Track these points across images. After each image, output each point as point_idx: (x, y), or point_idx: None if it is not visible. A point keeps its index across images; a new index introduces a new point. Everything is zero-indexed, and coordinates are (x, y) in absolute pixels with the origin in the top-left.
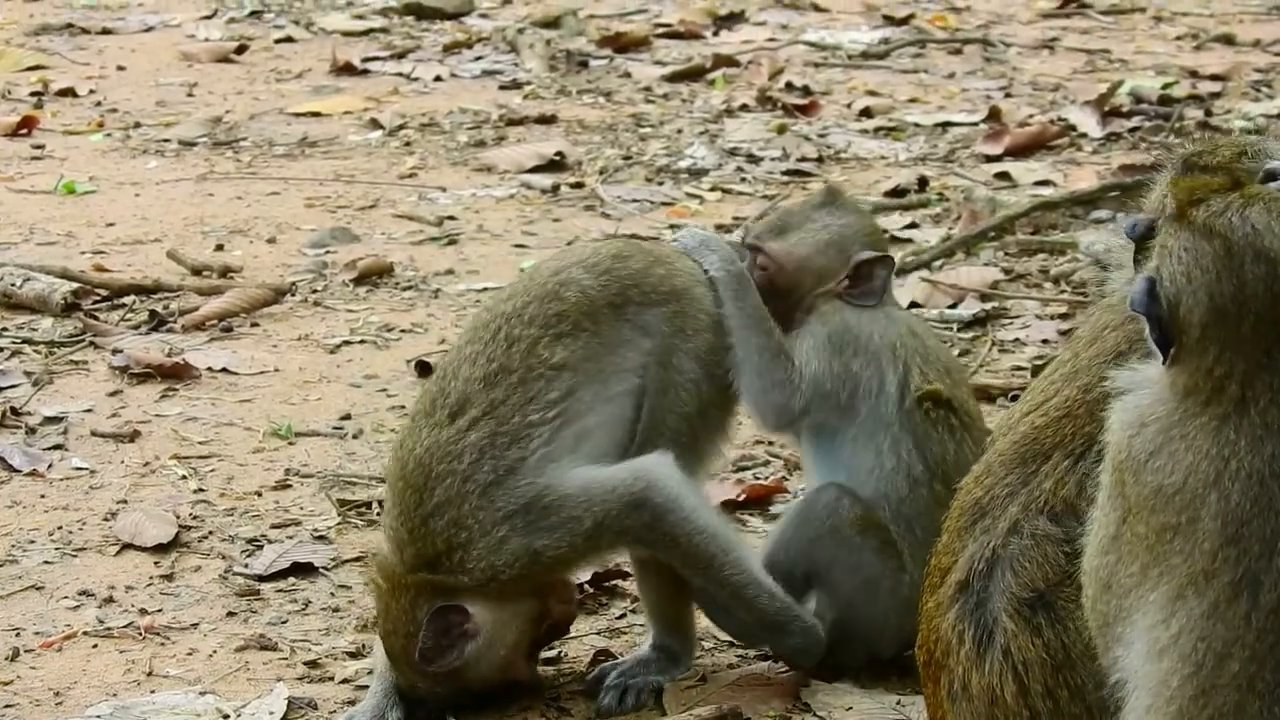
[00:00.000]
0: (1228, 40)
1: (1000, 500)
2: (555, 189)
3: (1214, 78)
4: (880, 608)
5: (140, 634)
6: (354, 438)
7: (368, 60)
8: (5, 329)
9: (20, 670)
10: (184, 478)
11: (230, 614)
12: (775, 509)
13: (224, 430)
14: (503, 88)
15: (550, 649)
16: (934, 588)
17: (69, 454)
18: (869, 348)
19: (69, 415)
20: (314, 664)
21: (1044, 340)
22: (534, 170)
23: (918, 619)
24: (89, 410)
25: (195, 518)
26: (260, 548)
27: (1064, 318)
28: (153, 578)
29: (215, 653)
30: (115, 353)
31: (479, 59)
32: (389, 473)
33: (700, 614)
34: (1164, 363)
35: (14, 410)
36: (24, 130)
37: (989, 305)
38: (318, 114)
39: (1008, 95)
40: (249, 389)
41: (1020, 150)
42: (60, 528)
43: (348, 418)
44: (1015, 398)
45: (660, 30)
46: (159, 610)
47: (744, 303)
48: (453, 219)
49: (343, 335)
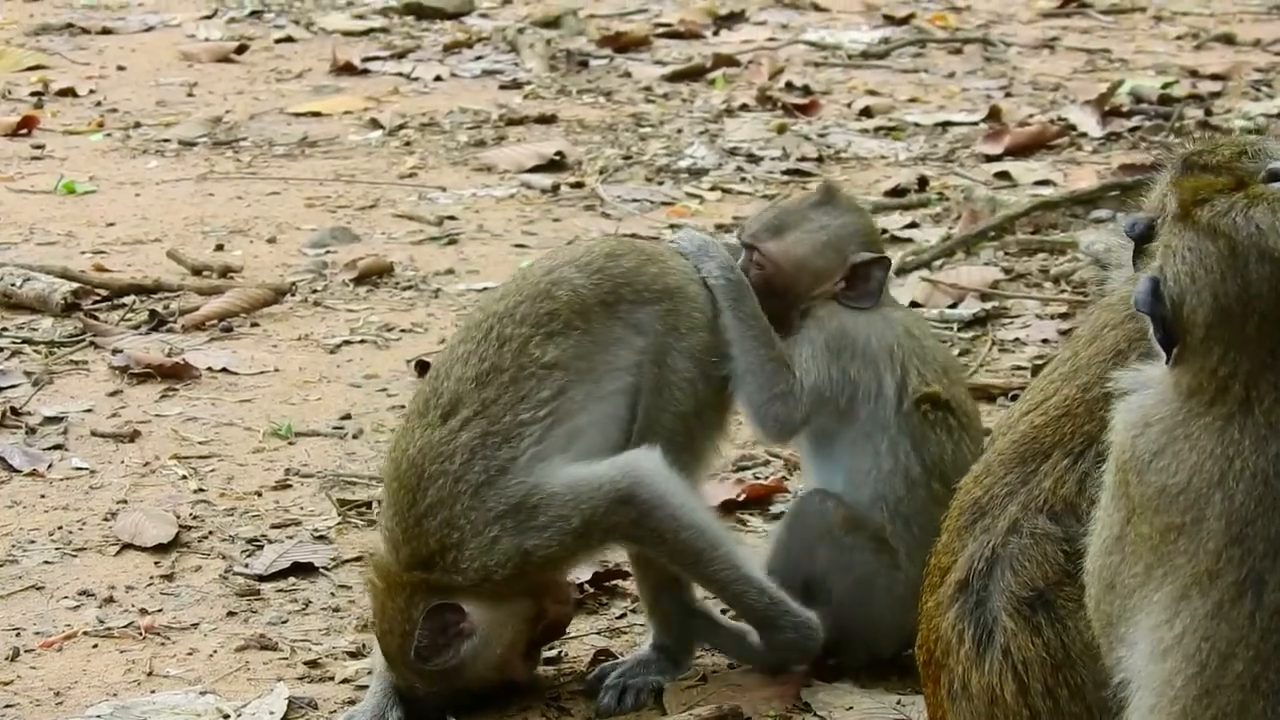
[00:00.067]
0: (1228, 40)
1: (1000, 499)
2: (555, 189)
3: (1214, 77)
4: (877, 606)
5: (140, 634)
6: (354, 438)
7: (368, 60)
8: (5, 329)
9: (20, 670)
10: (184, 478)
11: (230, 614)
12: (775, 509)
13: (224, 430)
14: (503, 87)
15: (550, 649)
16: (934, 587)
17: (69, 454)
18: (866, 352)
19: (69, 415)
20: (314, 664)
21: (1044, 340)
22: (534, 170)
23: (917, 618)
24: (89, 410)
25: (195, 518)
26: (260, 548)
27: (1064, 317)
28: (153, 578)
29: (215, 653)
30: (115, 353)
31: (479, 59)
32: (384, 473)
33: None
34: (1168, 363)
35: (14, 410)
36: (24, 130)
37: (989, 305)
38: (318, 114)
39: (1008, 95)
40: (249, 389)
41: (1020, 150)
42: (60, 528)
43: (348, 417)
44: (1015, 397)
45: (660, 30)
46: (159, 610)
47: (743, 311)
48: (453, 219)
49: (343, 335)
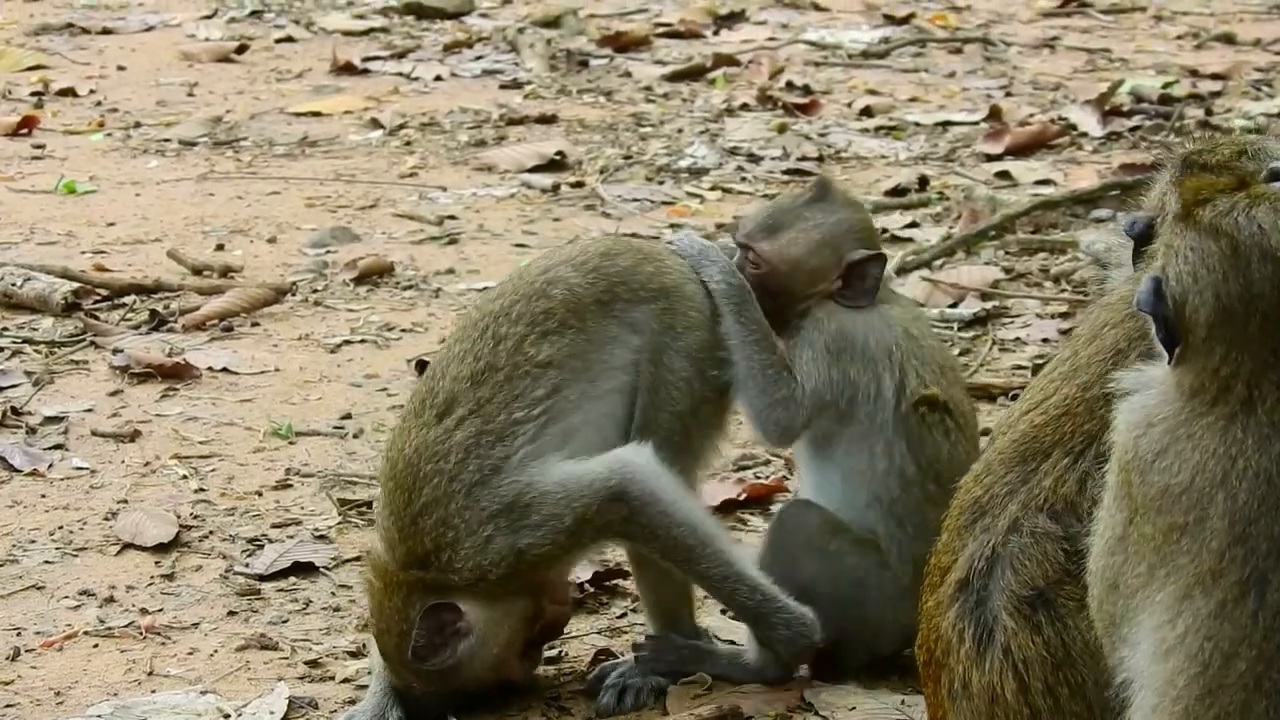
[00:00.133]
0: (1228, 39)
1: (1000, 499)
2: (556, 188)
3: (1214, 77)
4: (870, 606)
5: (141, 633)
6: (354, 437)
7: (368, 60)
8: (6, 329)
9: (21, 670)
10: (184, 477)
11: (231, 613)
12: (776, 508)
13: (224, 430)
14: (503, 87)
15: (551, 648)
16: (934, 586)
17: (69, 454)
18: (865, 354)
19: (69, 415)
20: (315, 663)
21: (1044, 339)
22: (534, 170)
23: (917, 617)
24: (89, 410)
25: (196, 517)
26: (261, 547)
27: (1064, 316)
28: (153, 577)
29: (216, 652)
30: (116, 352)
31: (479, 58)
32: (381, 472)
33: (701, 612)
34: (1170, 363)
35: (14, 410)
36: (24, 130)
37: (989, 304)
38: (318, 114)
39: (1008, 94)
40: (249, 389)
41: (1021, 149)
42: (61, 527)
43: (348, 417)
44: (1015, 396)
45: (660, 30)
46: (160, 610)
47: (745, 317)
48: (453, 218)
49: (343, 335)
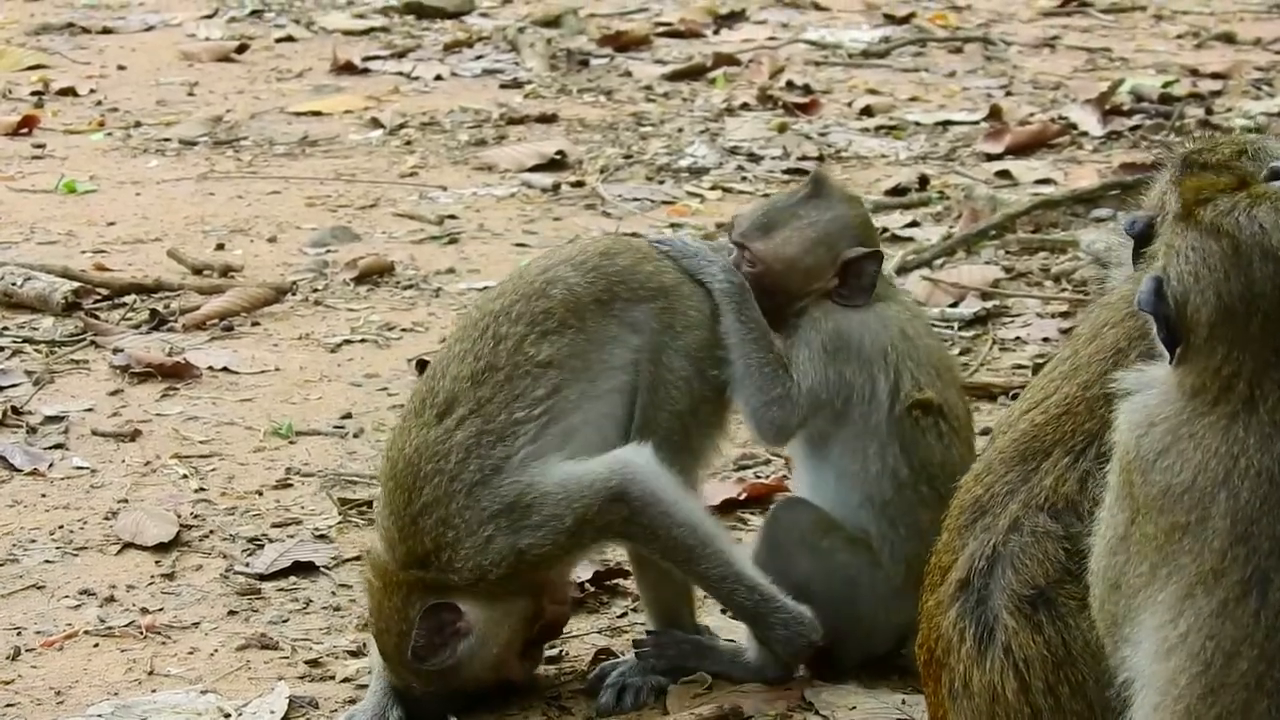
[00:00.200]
0: (1228, 39)
1: (1001, 498)
2: (556, 188)
3: (1215, 76)
4: (864, 604)
5: (141, 633)
6: (355, 437)
7: (368, 59)
8: (6, 328)
9: (21, 669)
10: (185, 477)
11: (231, 613)
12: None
13: (225, 429)
14: (503, 87)
15: (551, 648)
16: (934, 586)
17: (70, 453)
18: (861, 354)
19: (70, 414)
20: (315, 663)
21: (1045, 338)
22: (535, 169)
23: (912, 617)
24: (90, 409)
25: (196, 517)
26: (261, 547)
27: (1065, 316)
28: (154, 577)
29: (216, 652)
30: (116, 352)
31: (479, 58)
32: (381, 472)
33: (701, 612)
34: (1171, 362)
35: (15, 409)
36: (25, 129)
37: (990, 303)
38: (318, 113)
39: (1008, 94)
40: (250, 388)
41: (1021, 149)
42: (61, 527)
43: (349, 417)
44: (1016, 396)
45: (661, 29)
46: (160, 609)
47: (745, 316)
48: (453, 218)
49: (343, 334)
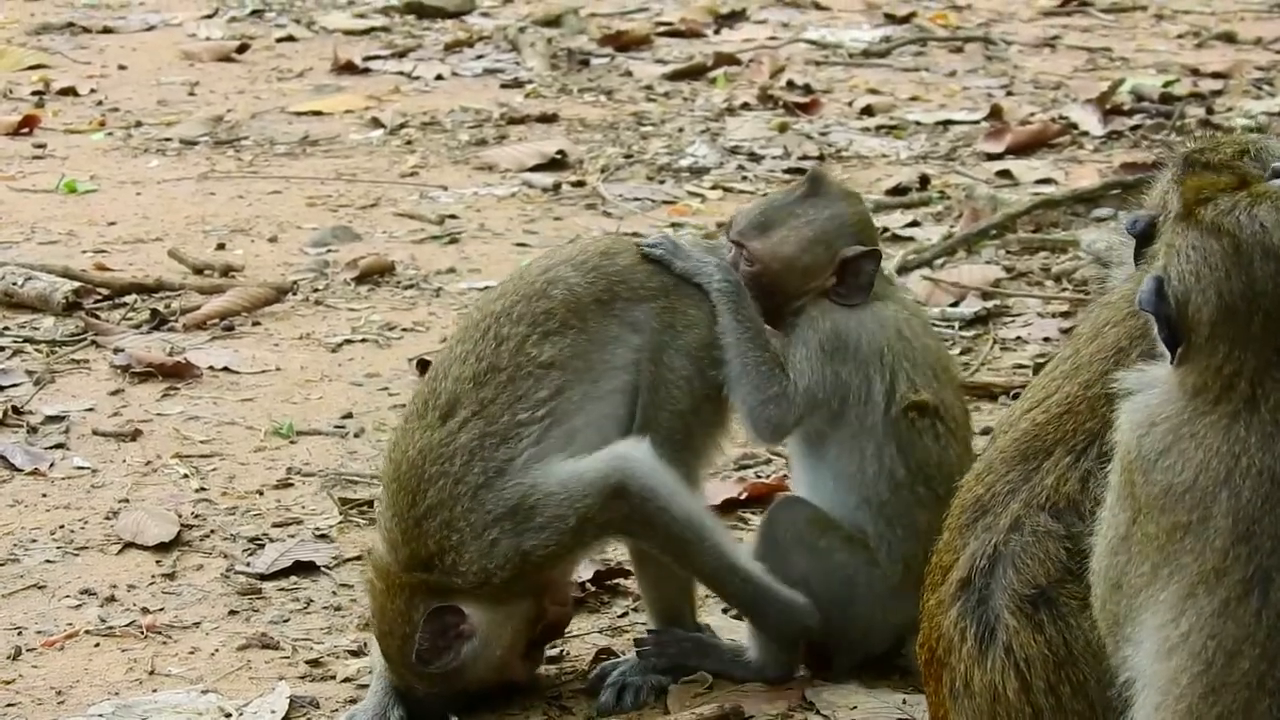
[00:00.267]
0: (1229, 38)
1: (1002, 497)
2: (556, 187)
3: (1215, 75)
4: (861, 604)
5: (142, 633)
6: (355, 436)
7: (369, 59)
8: (7, 328)
9: (22, 669)
10: (185, 476)
11: (232, 613)
12: None
13: (225, 429)
14: (504, 86)
15: (552, 648)
16: (935, 585)
17: (70, 453)
18: (858, 354)
19: (70, 414)
20: (316, 662)
21: (1045, 338)
22: (535, 169)
23: (910, 617)
24: (90, 409)
25: (197, 516)
26: (262, 546)
27: (1065, 315)
28: (154, 576)
29: (217, 651)
30: (117, 352)
31: (480, 57)
32: (384, 474)
33: (702, 611)
34: (1173, 362)
35: (16, 409)
36: (25, 129)
37: (991, 303)
38: (319, 113)
39: (1009, 93)
40: (250, 388)
41: (1022, 148)
42: (62, 527)
43: (349, 416)
44: (1017, 395)
45: (661, 29)
46: (161, 609)
47: (741, 315)
48: (454, 217)
49: (344, 334)
